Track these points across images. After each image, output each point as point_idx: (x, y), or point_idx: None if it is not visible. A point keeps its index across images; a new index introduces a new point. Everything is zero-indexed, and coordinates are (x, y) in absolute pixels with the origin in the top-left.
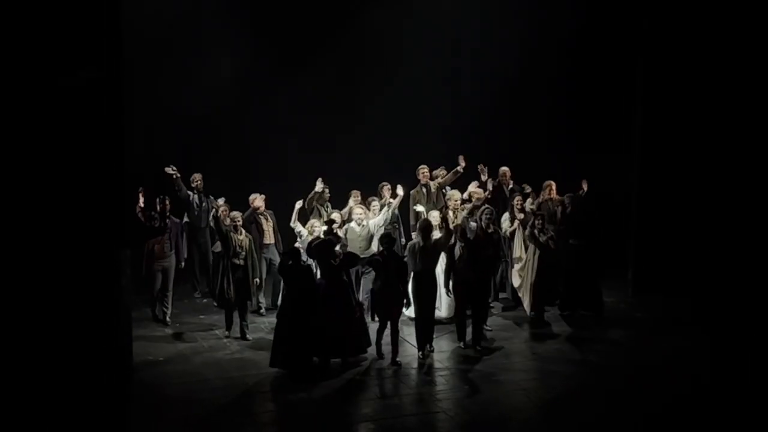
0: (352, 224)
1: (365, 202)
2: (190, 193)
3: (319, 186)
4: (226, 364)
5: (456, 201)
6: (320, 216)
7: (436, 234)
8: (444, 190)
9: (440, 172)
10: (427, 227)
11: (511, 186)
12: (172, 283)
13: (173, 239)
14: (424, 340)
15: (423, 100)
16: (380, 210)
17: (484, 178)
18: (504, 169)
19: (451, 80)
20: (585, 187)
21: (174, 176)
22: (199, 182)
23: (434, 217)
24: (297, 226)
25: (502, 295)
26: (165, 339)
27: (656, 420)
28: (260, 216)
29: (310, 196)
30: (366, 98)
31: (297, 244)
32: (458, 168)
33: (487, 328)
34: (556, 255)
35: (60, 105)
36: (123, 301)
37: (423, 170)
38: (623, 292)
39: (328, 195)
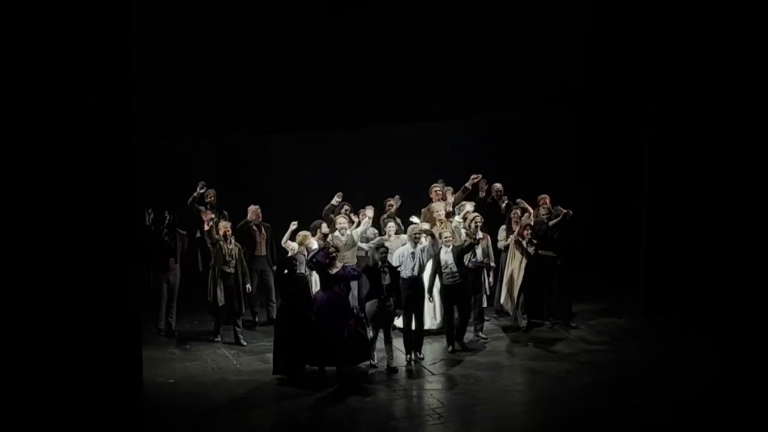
0: (336, 233)
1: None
2: (201, 208)
3: (336, 200)
4: (235, 385)
5: (439, 213)
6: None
7: (424, 242)
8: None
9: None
10: (416, 235)
11: (506, 203)
12: (177, 296)
13: (178, 252)
14: (411, 347)
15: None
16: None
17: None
18: (497, 185)
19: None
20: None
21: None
22: (212, 198)
23: (424, 228)
24: (288, 245)
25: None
26: (174, 360)
27: None
28: (254, 227)
29: (326, 207)
30: (382, 116)
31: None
32: (466, 185)
33: (483, 336)
34: (541, 266)
35: (71, 119)
36: (133, 321)
37: (435, 189)
38: (634, 312)
39: (348, 209)
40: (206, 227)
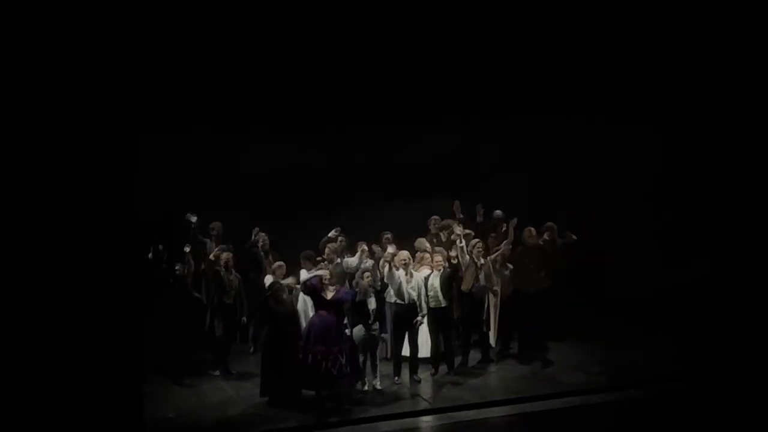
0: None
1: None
2: (206, 240)
3: (332, 233)
4: (237, 419)
5: (426, 247)
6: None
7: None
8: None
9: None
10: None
11: (505, 228)
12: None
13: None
14: (400, 370)
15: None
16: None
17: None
18: (498, 212)
19: None
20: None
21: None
22: (216, 231)
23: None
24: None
25: None
26: (175, 394)
27: None
28: (261, 252)
29: (323, 240)
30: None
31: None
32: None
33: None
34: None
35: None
36: (135, 355)
37: (435, 220)
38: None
39: (343, 244)
40: (210, 257)
